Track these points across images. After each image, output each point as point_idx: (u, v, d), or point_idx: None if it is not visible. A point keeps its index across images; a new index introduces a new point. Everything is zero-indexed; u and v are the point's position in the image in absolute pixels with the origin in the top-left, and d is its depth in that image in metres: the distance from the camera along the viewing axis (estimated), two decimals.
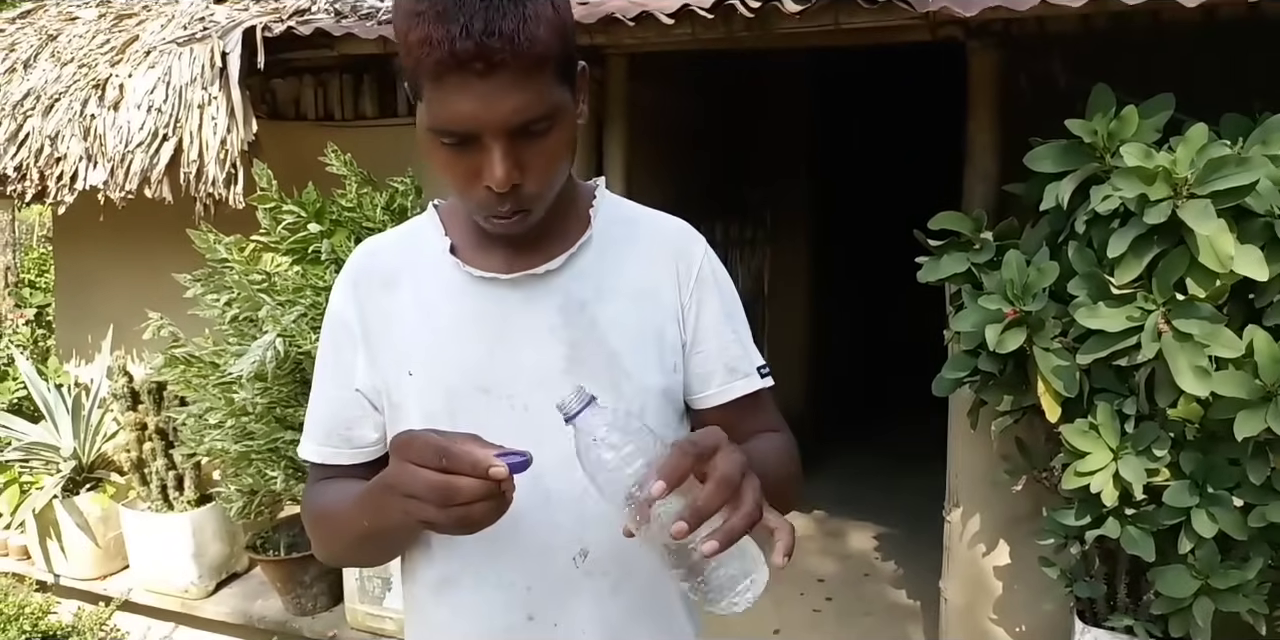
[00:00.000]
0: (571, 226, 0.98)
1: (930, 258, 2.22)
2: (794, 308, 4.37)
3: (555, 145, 0.86)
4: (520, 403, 0.93)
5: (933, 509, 2.76)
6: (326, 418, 1.00)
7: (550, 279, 0.95)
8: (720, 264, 1.06)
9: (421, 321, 0.95)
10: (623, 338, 0.96)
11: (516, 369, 0.93)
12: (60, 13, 3.26)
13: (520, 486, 0.87)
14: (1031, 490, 2.38)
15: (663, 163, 3.28)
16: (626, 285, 0.98)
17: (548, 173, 0.87)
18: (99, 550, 3.36)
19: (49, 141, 2.74)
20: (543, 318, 0.94)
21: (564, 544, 0.94)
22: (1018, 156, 2.11)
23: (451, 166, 0.85)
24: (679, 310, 1.00)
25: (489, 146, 0.82)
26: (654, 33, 2.36)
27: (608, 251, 0.98)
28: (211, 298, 2.58)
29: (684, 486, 0.73)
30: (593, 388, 0.90)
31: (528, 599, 0.95)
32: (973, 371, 2.15)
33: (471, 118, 0.80)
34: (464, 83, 0.78)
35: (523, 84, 0.80)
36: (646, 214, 1.06)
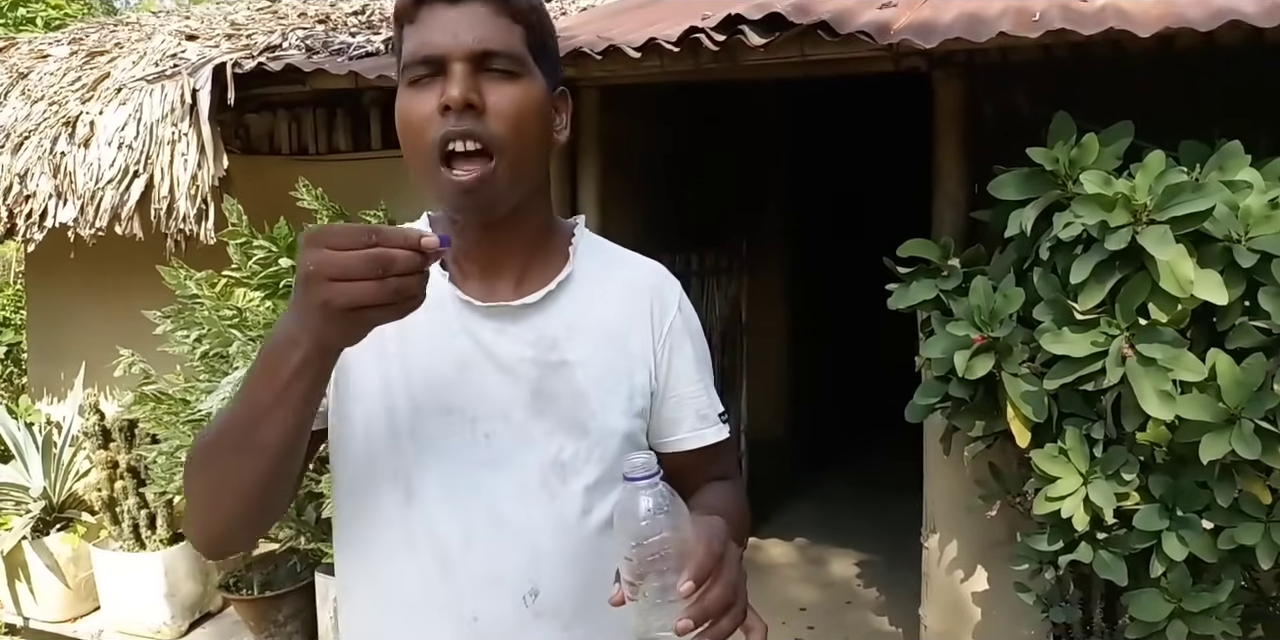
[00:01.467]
0: (551, 260, 0.99)
1: (900, 285, 2.24)
2: (771, 335, 4.38)
3: (521, 96, 0.88)
4: (482, 430, 0.93)
5: (914, 535, 2.76)
6: None
7: (526, 313, 0.95)
8: (693, 309, 1.08)
9: (396, 333, 0.88)
10: (591, 378, 0.96)
11: (482, 396, 0.93)
12: (32, 50, 3.27)
13: (475, 513, 0.91)
14: (1006, 515, 2.38)
15: (636, 193, 3.30)
16: (600, 325, 0.98)
17: (510, 119, 0.87)
18: (69, 591, 3.30)
19: (18, 179, 2.73)
20: (514, 350, 0.94)
21: (515, 580, 0.92)
22: (985, 183, 2.14)
23: (415, 108, 0.87)
24: (651, 356, 1.01)
25: (451, 69, 0.86)
26: (623, 66, 2.38)
27: (584, 291, 0.99)
28: (181, 334, 2.57)
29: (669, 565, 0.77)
30: (558, 424, 0.94)
31: (475, 630, 0.92)
32: (944, 397, 2.16)
33: (438, 43, 0.86)
34: (434, 12, 0.87)
35: (489, 19, 0.87)
36: (624, 256, 1.07)
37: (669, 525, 0.76)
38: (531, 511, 0.92)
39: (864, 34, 2.10)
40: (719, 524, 0.80)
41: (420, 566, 0.93)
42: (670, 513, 0.76)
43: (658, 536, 0.75)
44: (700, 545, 0.76)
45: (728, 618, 0.76)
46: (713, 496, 1.03)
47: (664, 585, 0.75)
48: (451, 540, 0.92)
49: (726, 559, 0.78)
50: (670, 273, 1.08)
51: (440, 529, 0.92)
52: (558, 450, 0.93)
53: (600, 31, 2.47)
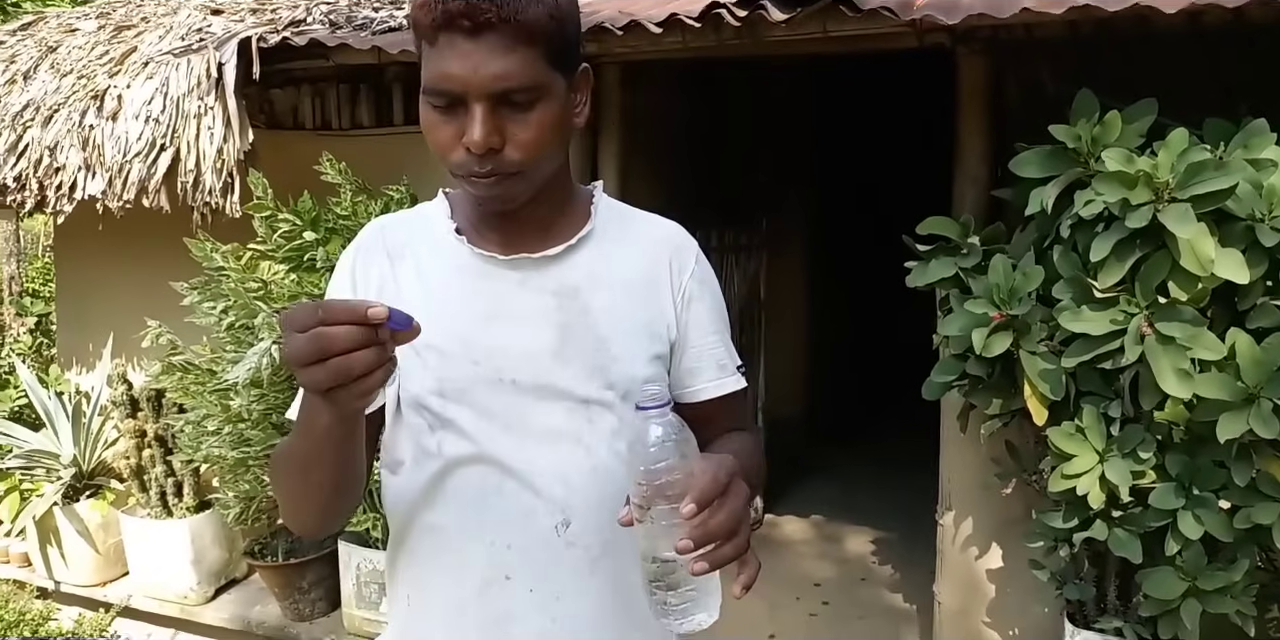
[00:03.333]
0: (572, 220, 1.03)
1: (919, 262, 2.24)
2: (791, 313, 4.38)
3: (539, 121, 0.90)
4: (508, 377, 0.97)
5: (929, 513, 2.77)
6: None
7: (547, 264, 0.99)
8: (710, 267, 1.11)
9: (421, 290, 0.99)
10: (612, 326, 0.99)
11: (507, 345, 0.97)
12: (60, 24, 3.30)
13: (505, 453, 0.96)
14: (1022, 493, 2.39)
15: (657, 169, 3.30)
16: (620, 278, 1.02)
17: (530, 146, 0.90)
18: (99, 557, 3.38)
19: (48, 152, 2.77)
20: (536, 300, 0.98)
21: (547, 510, 0.97)
22: (1006, 161, 2.13)
23: (437, 128, 0.90)
24: (671, 308, 1.04)
25: (471, 109, 0.87)
26: (644, 41, 2.38)
27: (605, 245, 1.03)
28: (208, 306, 2.61)
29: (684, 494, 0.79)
30: (580, 371, 0.98)
31: (507, 558, 0.98)
32: (961, 375, 2.17)
33: (456, 77, 0.86)
34: (452, 42, 0.86)
35: (508, 51, 0.86)
36: (644, 215, 1.11)
37: (677, 453, 0.79)
38: (561, 452, 0.98)
39: (886, 9, 2.09)
40: (729, 459, 0.83)
41: (454, 504, 0.98)
42: (679, 442, 0.80)
43: (665, 463, 0.79)
44: (707, 474, 0.79)
45: (729, 545, 0.78)
46: (729, 443, 1.05)
47: (669, 510, 0.79)
48: (485, 481, 0.97)
49: (732, 489, 0.80)
50: (687, 232, 1.11)
51: (472, 472, 0.97)
52: (584, 395, 0.97)
53: (622, 7, 2.47)
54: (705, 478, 0.79)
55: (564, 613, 0.99)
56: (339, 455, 0.87)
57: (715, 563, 0.78)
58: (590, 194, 1.08)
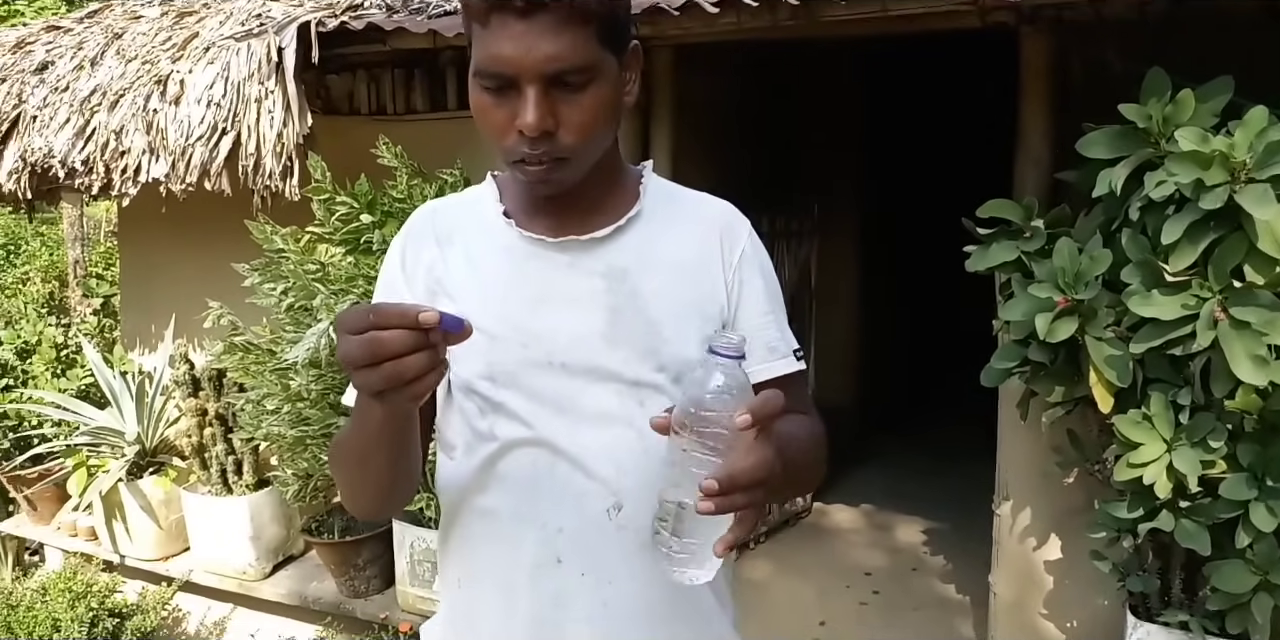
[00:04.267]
0: (620, 201, 1.02)
1: (979, 246, 2.19)
2: (842, 300, 4.34)
3: (592, 102, 0.89)
4: (558, 360, 0.96)
5: (982, 502, 2.73)
6: None
7: (595, 246, 0.99)
8: (763, 246, 1.09)
9: (470, 275, 0.99)
10: (663, 308, 0.98)
11: (556, 328, 0.97)
12: (125, 11, 3.37)
13: (557, 436, 0.96)
14: (1083, 483, 2.34)
15: (708, 154, 3.28)
16: (670, 259, 1.01)
17: (584, 128, 0.89)
18: (161, 532, 3.47)
19: (114, 136, 2.84)
20: (586, 282, 0.98)
21: (599, 493, 0.97)
22: (1070, 143, 2.08)
23: (489, 112, 0.90)
24: (722, 287, 1.02)
25: (524, 92, 0.86)
26: (699, 23, 2.36)
27: (654, 226, 1.02)
28: (268, 287, 2.65)
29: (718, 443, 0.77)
30: (631, 353, 0.97)
31: (559, 540, 0.97)
32: (1022, 361, 2.13)
33: (509, 59, 0.85)
34: (504, 23, 0.84)
35: (560, 31, 0.85)
36: (693, 195, 1.10)
37: (731, 406, 0.77)
38: (612, 435, 0.97)
39: None
40: (782, 430, 0.82)
41: (506, 487, 0.98)
42: (737, 397, 0.78)
43: (715, 413, 0.77)
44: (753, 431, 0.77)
45: (746, 494, 0.76)
46: (786, 423, 1.03)
47: (701, 459, 0.77)
48: (536, 464, 0.97)
49: (770, 450, 0.78)
50: (739, 211, 1.09)
51: (524, 455, 0.97)
52: (634, 378, 0.97)
53: None
54: (766, 398, 0.77)
55: (615, 596, 0.98)
56: (394, 448, 0.89)
57: (724, 507, 0.75)
58: (639, 174, 1.06)
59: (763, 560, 3.44)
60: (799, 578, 3.33)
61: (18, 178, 3.03)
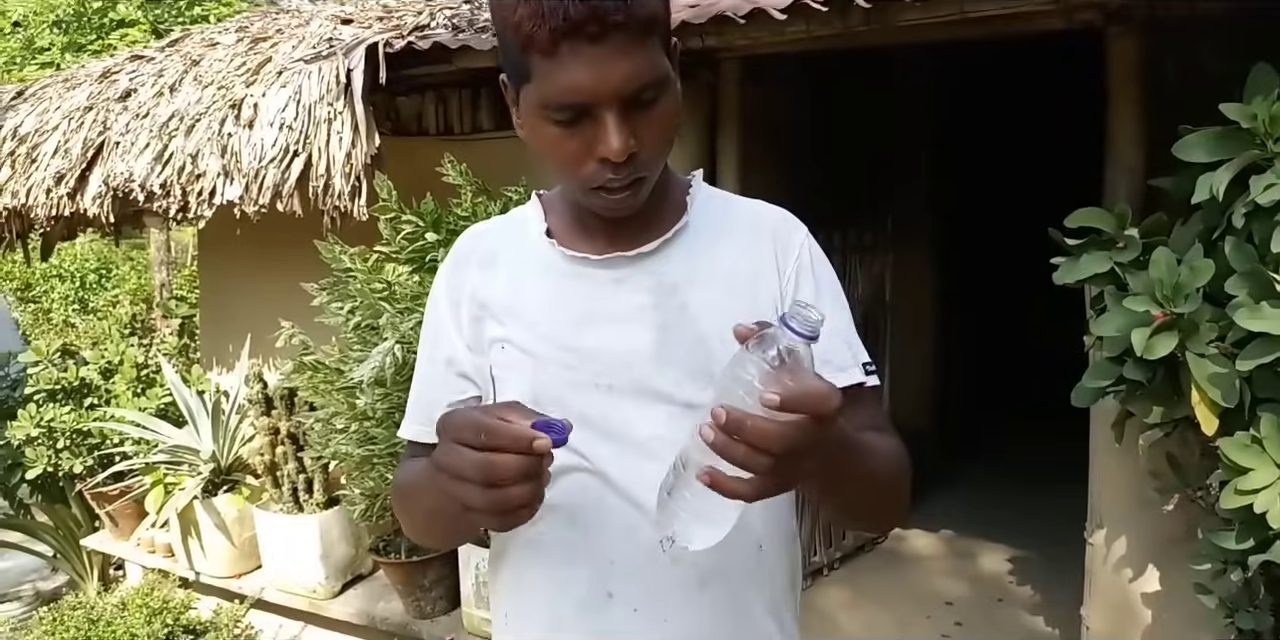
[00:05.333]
0: (667, 214, 0.98)
1: (1068, 258, 2.07)
2: (918, 316, 4.20)
3: (665, 114, 0.86)
4: (605, 382, 0.92)
5: (1071, 530, 2.58)
6: (419, 395, 1.03)
7: (642, 261, 0.95)
8: (822, 254, 1.03)
9: (514, 298, 0.97)
10: (714, 323, 0.92)
11: (602, 348, 0.93)
12: (204, 39, 3.47)
13: (605, 463, 0.91)
14: (1185, 510, 2.18)
15: (777, 167, 3.21)
16: (721, 271, 0.96)
17: (660, 142, 0.87)
18: (234, 549, 3.51)
19: (190, 159, 2.90)
20: (632, 299, 0.94)
21: (651, 525, 0.90)
22: (1162, 149, 1.96)
23: (562, 144, 0.85)
24: (777, 299, 0.97)
25: (602, 118, 0.82)
26: (767, 31, 2.30)
27: (703, 238, 0.97)
28: (336, 306, 2.67)
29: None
30: (681, 373, 0.92)
31: (610, 574, 0.92)
32: (1117, 380, 2.00)
33: (586, 87, 0.80)
34: (576, 50, 0.79)
35: (633, 49, 0.81)
36: (744, 202, 1.05)
37: (783, 381, 0.68)
38: (662, 461, 0.89)
39: None
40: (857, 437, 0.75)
41: (553, 517, 0.93)
42: (784, 375, 0.68)
43: (757, 389, 0.67)
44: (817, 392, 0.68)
45: (753, 452, 0.66)
46: (864, 435, 0.94)
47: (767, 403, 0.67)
48: (585, 494, 0.92)
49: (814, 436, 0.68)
50: (795, 217, 1.03)
51: (571, 483, 0.92)
52: (686, 400, 0.91)
53: None
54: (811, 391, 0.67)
55: (670, 634, 0.92)
56: (462, 524, 0.90)
57: (719, 446, 0.67)
58: (687, 184, 1.02)
59: (836, 588, 3.31)
60: (876, 607, 3.20)
61: (101, 202, 3.11)
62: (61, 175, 3.18)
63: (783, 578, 1.01)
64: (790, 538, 1.03)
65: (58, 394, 3.68)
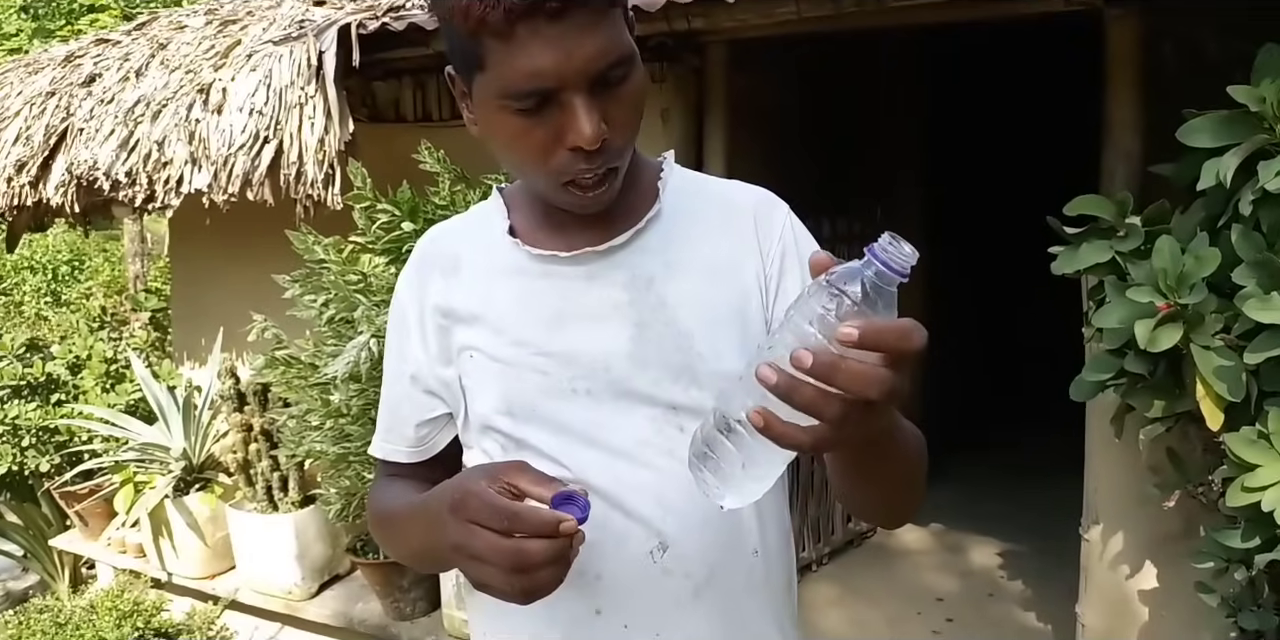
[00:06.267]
0: (638, 202, 0.91)
1: (1067, 247, 2.00)
2: (908, 305, 4.09)
3: (634, 93, 0.79)
4: (582, 386, 0.87)
5: (1063, 524, 2.53)
6: (388, 412, 0.98)
7: (614, 255, 0.88)
8: (805, 231, 0.96)
9: (481, 303, 0.91)
10: (696, 317, 0.87)
11: (576, 350, 0.87)
12: (171, 22, 3.35)
13: (589, 471, 0.85)
14: (1185, 507, 2.12)
15: (765, 154, 3.13)
16: (700, 260, 0.90)
17: (631, 125, 0.81)
18: (208, 550, 3.41)
19: (156, 146, 2.79)
20: (605, 296, 0.88)
21: (640, 534, 0.85)
22: (1161, 134, 1.89)
23: (526, 136, 0.78)
24: (761, 285, 0.90)
25: (569, 103, 0.75)
26: (755, 13, 2.22)
27: (678, 225, 0.91)
28: (309, 299, 2.57)
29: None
30: (662, 373, 0.86)
31: (597, 589, 0.85)
32: (1118, 373, 1.93)
33: (550, 69, 0.74)
34: (535, 30, 0.73)
35: (597, 24, 0.75)
36: (720, 184, 0.98)
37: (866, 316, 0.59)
38: (651, 468, 0.85)
39: None
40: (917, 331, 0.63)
41: None
42: (882, 311, 0.60)
43: (830, 328, 0.59)
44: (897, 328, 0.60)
45: (828, 399, 0.58)
46: None
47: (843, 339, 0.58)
48: None
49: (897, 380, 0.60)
50: (774, 195, 0.96)
51: None
52: (669, 400, 0.86)
53: None
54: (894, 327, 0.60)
55: None
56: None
57: (782, 387, 0.58)
58: (658, 168, 0.95)
59: (825, 584, 3.25)
60: (865, 603, 3.14)
61: (65, 191, 3.00)
62: (23, 163, 3.05)
63: (781, 582, 0.95)
64: (787, 539, 0.97)
65: (23, 390, 3.56)
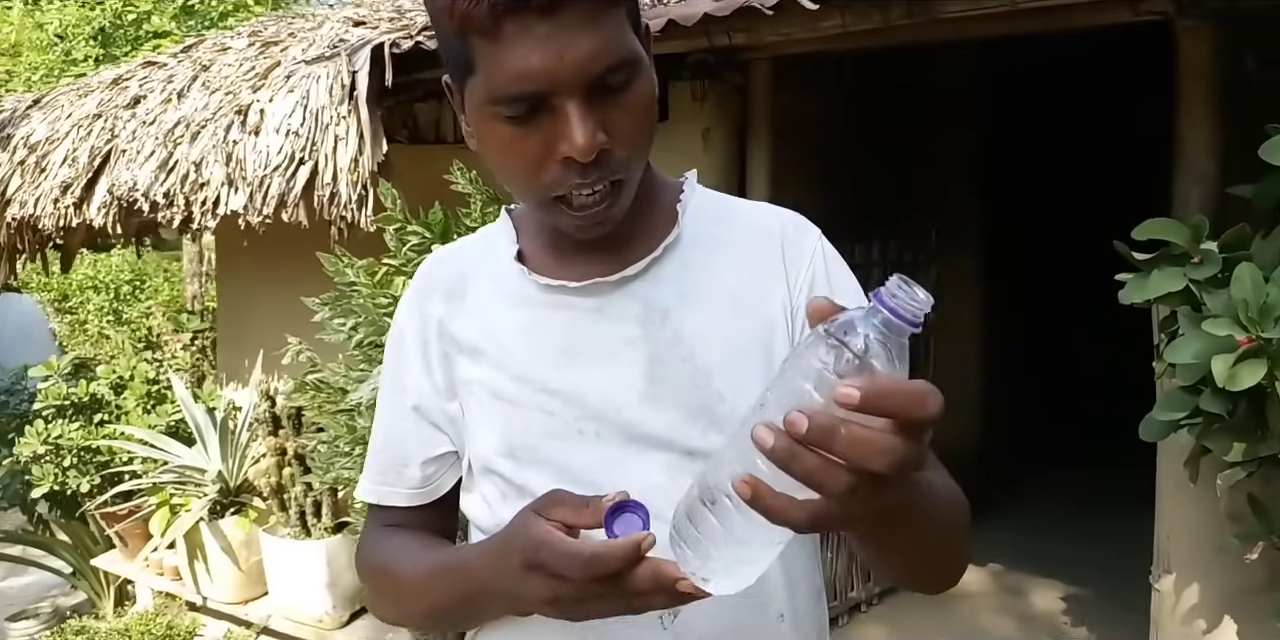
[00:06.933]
0: (655, 226, 0.83)
1: (1136, 274, 1.85)
2: (964, 335, 3.96)
3: (640, 100, 0.72)
4: (590, 428, 0.79)
5: (1130, 565, 2.36)
6: (383, 450, 0.90)
7: (627, 285, 0.81)
8: (839, 259, 0.87)
9: (483, 335, 0.84)
10: (715, 353, 0.79)
11: (585, 390, 0.79)
12: (215, 44, 3.37)
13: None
14: (1269, 559, 1.94)
15: (811, 175, 3.02)
16: (721, 291, 0.81)
17: (637, 135, 0.73)
18: (241, 574, 3.37)
19: (194, 168, 2.78)
20: (618, 329, 0.80)
21: None
22: (1238, 154, 1.75)
23: (517, 146, 0.71)
24: (788, 317, 0.82)
25: (562, 109, 0.68)
26: (798, 26, 2.12)
27: (699, 251, 0.83)
28: (338, 322, 2.51)
29: None
30: (678, 414, 0.78)
31: None
32: (1192, 412, 1.77)
33: (539, 71, 0.66)
34: (525, 27, 0.66)
35: (594, 21, 0.67)
36: (747, 206, 0.91)
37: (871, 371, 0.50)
38: (661, 518, 0.73)
39: None
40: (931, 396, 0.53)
41: None
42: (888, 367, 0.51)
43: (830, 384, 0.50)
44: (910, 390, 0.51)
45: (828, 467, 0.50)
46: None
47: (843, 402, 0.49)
48: None
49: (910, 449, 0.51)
50: (805, 218, 0.87)
51: None
52: (685, 445, 0.78)
53: None
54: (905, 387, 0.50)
55: None
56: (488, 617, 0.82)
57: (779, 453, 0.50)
58: (678, 188, 0.86)
59: (875, 626, 3.08)
60: None
61: (107, 212, 3.01)
62: (68, 185, 3.08)
63: None
64: (818, 599, 0.87)
65: (67, 409, 3.58)
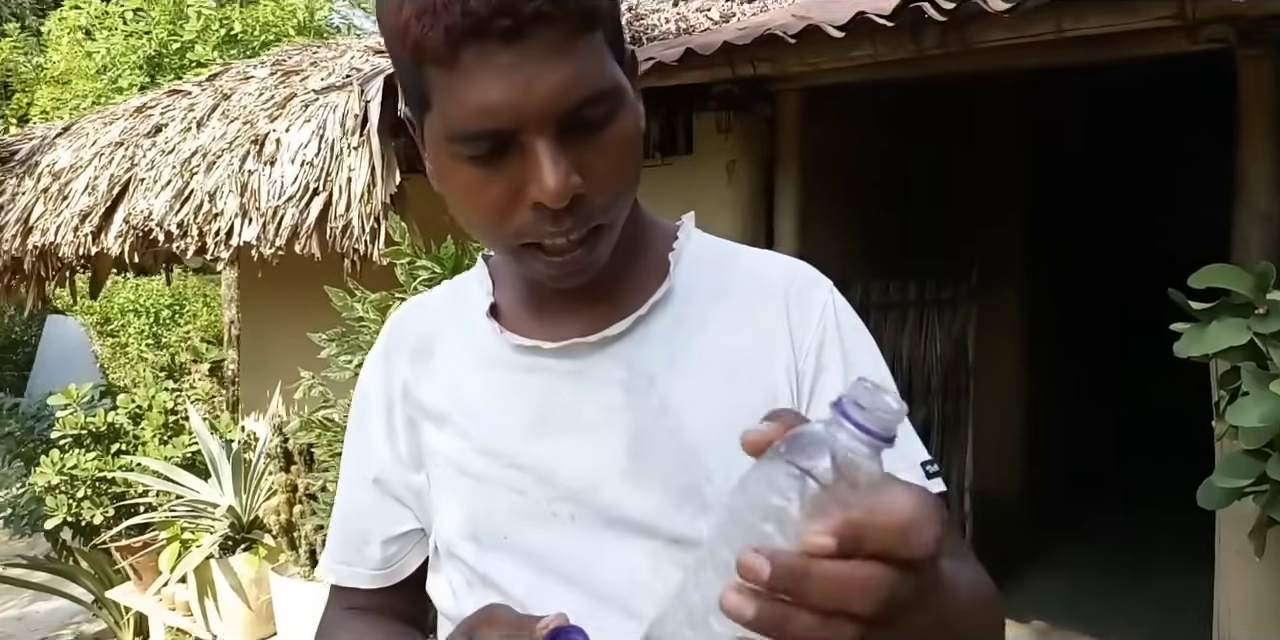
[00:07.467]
0: (644, 277, 0.73)
1: (1194, 325, 1.69)
2: (1006, 378, 3.78)
3: (621, 137, 0.62)
4: (564, 510, 0.70)
5: (1185, 624, 2.16)
6: (341, 524, 0.83)
7: (610, 346, 0.71)
8: (853, 316, 0.77)
9: (449, 401, 0.75)
10: (707, 425, 0.70)
11: (559, 465, 0.71)
12: (238, 72, 3.35)
13: (567, 612, 0.64)
14: None
15: (843, 211, 2.88)
16: (716, 352, 0.72)
17: (617, 178, 0.63)
18: (251, 613, 3.28)
19: (208, 198, 2.73)
20: (598, 396, 0.71)
21: None
22: None
23: (480, 189, 0.62)
24: (793, 383, 0.72)
25: (531, 148, 0.59)
26: (825, 55, 2.01)
27: (693, 307, 0.73)
28: (344, 359, 2.42)
29: None
30: (664, 496, 0.69)
31: None
32: (1258, 479, 1.59)
33: (503, 105, 0.57)
34: (485, 57, 0.57)
35: (564, 49, 0.58)
36: (751, 255, 0.79)
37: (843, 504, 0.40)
38: (640, 616, 0.67)
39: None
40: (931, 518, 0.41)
41: None
42: (861, 492, 0.40)
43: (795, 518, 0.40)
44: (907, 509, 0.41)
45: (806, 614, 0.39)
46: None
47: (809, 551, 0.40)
48: None
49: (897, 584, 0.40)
50: (817, 271, 0.78)
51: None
52: (671, 532, 0.69)
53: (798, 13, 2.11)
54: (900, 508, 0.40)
55: None
56: None
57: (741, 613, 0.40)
58: (672, 233, 0.75)
59: None
60: None
61: (123, 241, 2.97)
62: (86, 213, 3.06)
63: None
64: None
65: (84, 439, 3.54)
